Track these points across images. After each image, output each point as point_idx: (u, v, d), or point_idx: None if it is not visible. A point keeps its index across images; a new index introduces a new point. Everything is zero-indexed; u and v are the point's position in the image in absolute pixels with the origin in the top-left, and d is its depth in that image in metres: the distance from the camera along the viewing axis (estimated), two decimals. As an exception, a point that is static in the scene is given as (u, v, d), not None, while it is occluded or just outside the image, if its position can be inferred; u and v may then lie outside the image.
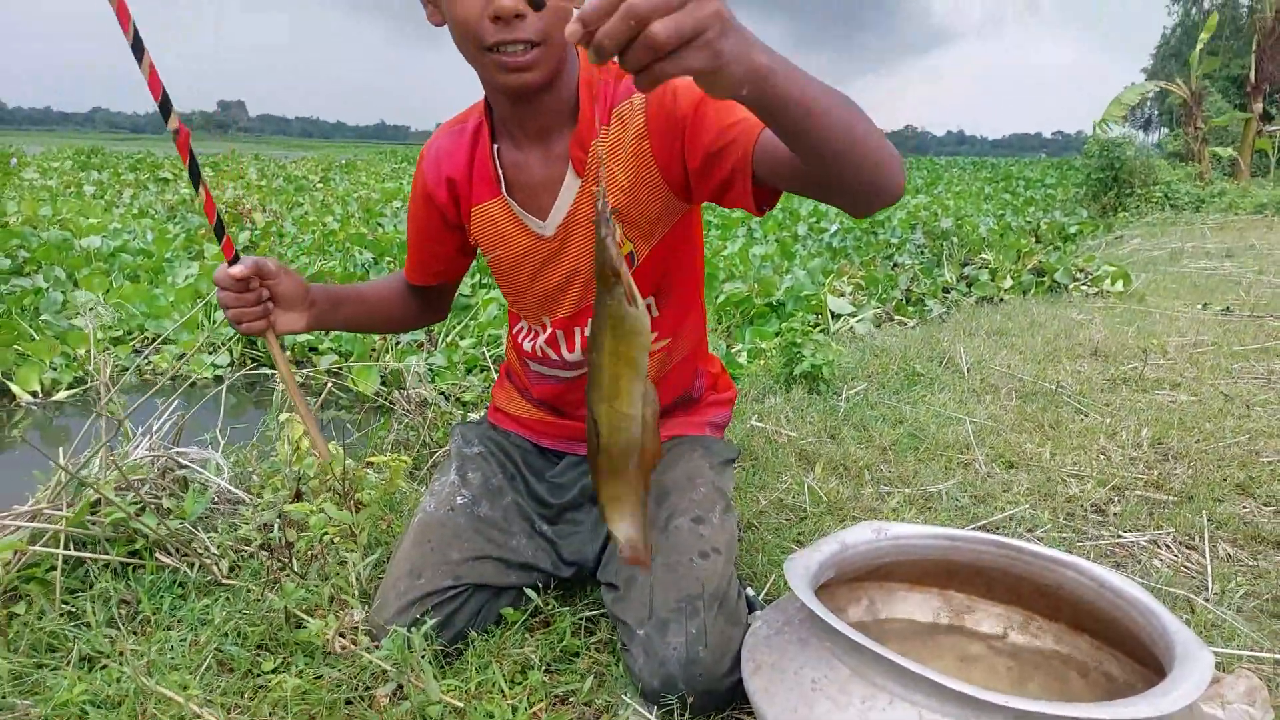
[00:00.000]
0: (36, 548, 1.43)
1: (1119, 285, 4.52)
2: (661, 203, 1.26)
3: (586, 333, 1.37)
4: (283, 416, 1.77)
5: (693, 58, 0.69)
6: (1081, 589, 1.15)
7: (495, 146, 1.29)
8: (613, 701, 1.19)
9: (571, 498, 1.47)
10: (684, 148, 1.17)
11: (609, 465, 0.75)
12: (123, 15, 1.11)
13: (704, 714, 1.15)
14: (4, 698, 1.16)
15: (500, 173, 1.29)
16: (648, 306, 1.35)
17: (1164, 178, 11.02)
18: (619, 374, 0.74)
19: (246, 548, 1.53)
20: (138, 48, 1.13)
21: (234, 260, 1.28)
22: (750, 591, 1.34)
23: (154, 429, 1.75)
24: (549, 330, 1.40)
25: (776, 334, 3.60)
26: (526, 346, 1.46)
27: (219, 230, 1.29)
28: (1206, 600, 1.49)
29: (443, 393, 2.66)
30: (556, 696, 1.20)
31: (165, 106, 1.18)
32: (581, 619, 1.36)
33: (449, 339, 3.51)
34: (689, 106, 1.14)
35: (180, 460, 1.68)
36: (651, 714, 1.14)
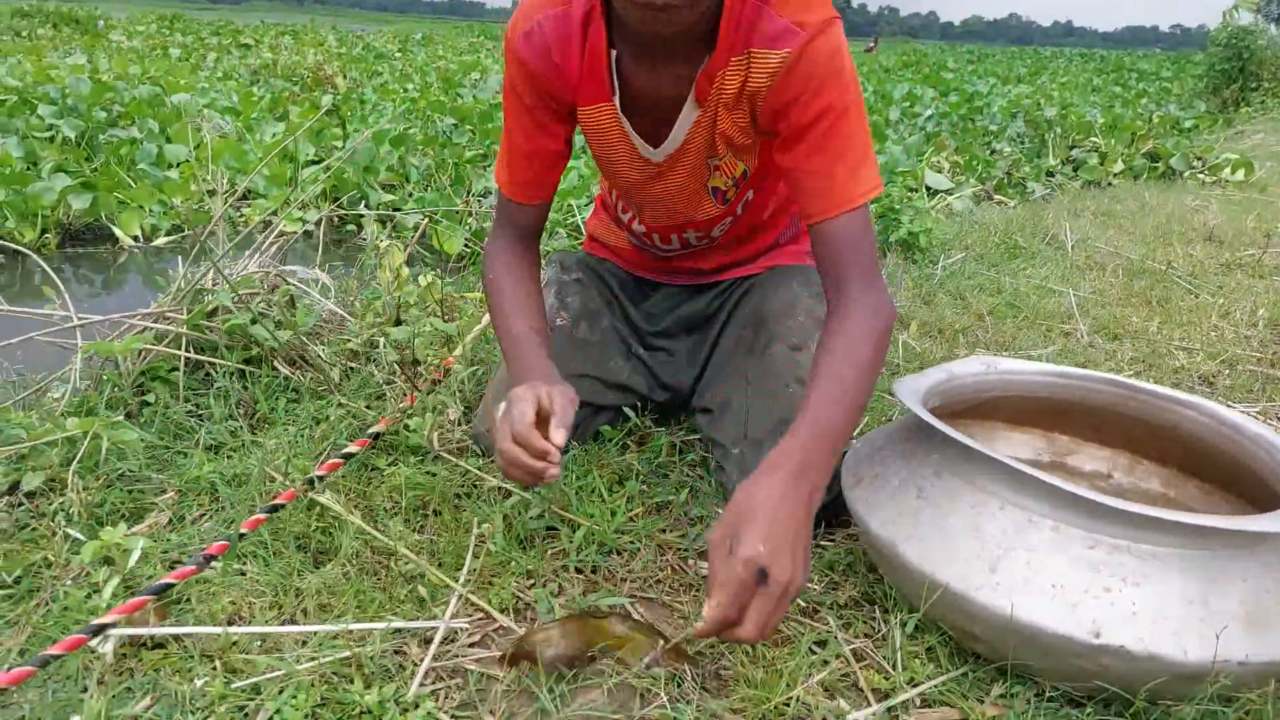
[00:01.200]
0: (160, 348, 1.52)
1: (1239, 174, 4.21)
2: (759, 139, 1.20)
3: (684, 236, 1.37)
4: (383, 244, 1.80)
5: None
6: (1198, 427, 1.11)
7: (613, 51, 1.12)
8: (705, 514, 1.22)
9: (666, 326, 1.48)
10: (777, 139, 1.11)
11: None
12: None
13: (797, 527, 1.17)
14: (141, 469, 1.26)
15: (616, 81, 1.15)
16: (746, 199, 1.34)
17: (1298, 71, 10.04)
18: None
19: (353, 362, 1.59)
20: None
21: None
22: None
23: (262, 250, 1.80)
24: (642, 224, 1.39)
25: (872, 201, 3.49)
26: (622, 217, 1.44)
27: None
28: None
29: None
30: (654, 504, 1.24)
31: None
32: (677, 440, 1.38)
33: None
34: (799, 123, 1.06)
35: (287, 279, 1.73)
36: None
